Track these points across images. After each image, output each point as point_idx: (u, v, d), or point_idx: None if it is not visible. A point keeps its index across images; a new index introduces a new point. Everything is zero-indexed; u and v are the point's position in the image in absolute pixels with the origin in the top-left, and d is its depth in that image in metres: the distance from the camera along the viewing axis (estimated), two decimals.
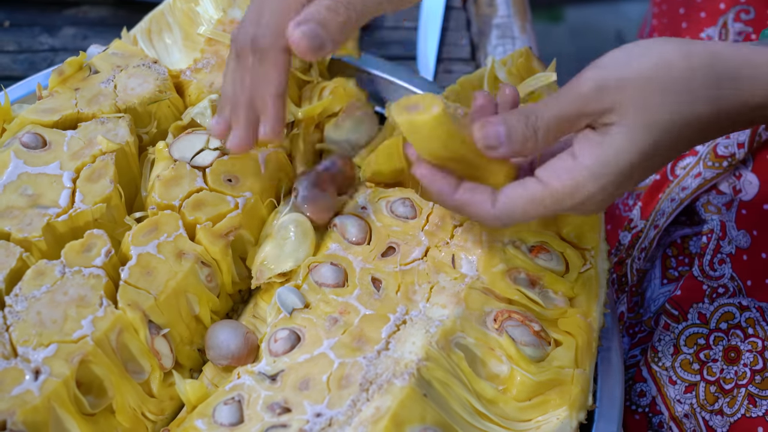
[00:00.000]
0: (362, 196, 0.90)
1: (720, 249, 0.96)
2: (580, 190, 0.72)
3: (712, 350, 0.93)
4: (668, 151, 0.73)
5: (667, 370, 0.93)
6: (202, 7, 0.99)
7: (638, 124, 0.70)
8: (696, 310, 0.95)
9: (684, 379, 0.93)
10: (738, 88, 0.72)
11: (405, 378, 0.73)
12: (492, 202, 0.74)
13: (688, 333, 0.94)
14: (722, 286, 0.95)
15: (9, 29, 1.22)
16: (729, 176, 1.01)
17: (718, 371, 0.92)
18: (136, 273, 0.80)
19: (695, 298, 0.95)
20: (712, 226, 0.99)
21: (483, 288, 0.82)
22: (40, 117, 0.90)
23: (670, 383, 0.93)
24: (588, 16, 2.84)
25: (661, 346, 0.94)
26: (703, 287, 0.95)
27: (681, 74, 0.71)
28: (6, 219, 0.81)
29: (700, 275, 0.96)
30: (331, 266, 0.83)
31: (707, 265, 0.96)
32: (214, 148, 0.89)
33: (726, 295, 0.95)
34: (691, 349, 0.93)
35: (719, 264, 0.96)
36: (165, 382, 0.80)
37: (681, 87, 0.71)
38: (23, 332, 0.75)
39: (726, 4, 1.11)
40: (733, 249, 0.96)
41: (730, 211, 0.99)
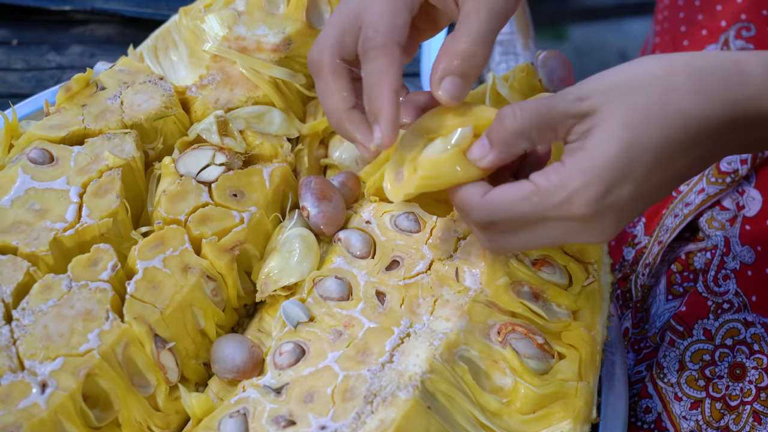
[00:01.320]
0: (366, 210, 0.91)
1: (724, 265, 0.96)
2: (566, 186, 0.71)
3: (717, 366, 0.93)
4: (658, 160, 0.71)
5: (673, 386, 0.93)
6: (208, 24, 0.99)
7: (618, 123, 0.70)
8: (701, 326, 0.95)
9: (689, 395, 0.92)
10: (722, 85, 0.72)
11: (409, 390, 0.73)
12: (483, 194, 0.74)
13: (694, 349, 0.94)
14: (727, 302, 0.95)
15: (17, 47, 1.23)
16: (732, 192, 1.02)
17: (723, 388, 0.92)
18: (142, 287, 0.81)
19: (700, 314, 0.95)
20: (716, 241, 0.99)
21: (486, 301, 0.82)
22: (48, 133, 0.90)
23: (675, 400, 0.93)
24: (591, 34, 2.85)
25: (666, 363, 0.94)
26: (708, 303, 0.95)
27: (661, 73, 0.72)
28: (13, 233, 0.82)
29: (705, 291, 0.96)
30: (335, 280, 0.84)
31: (712, 281, 0.96)
32: (220, 163, 0.90)
33: (731, 310, 0.94)
34: (696, 366, 0.93)
35: (724, 280, 0.96)
36: (171, 395, 0.81)
37: (660, 85, 0.71)
38: (30, 346, 0.75)
39: (727, 21, 1.12)
40: (737, 265, 0.96)
41: (733, 227, 0.99)
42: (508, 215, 0.73)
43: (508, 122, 0.73)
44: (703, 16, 1.15)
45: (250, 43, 0.98)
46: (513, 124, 0.73)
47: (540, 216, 0.73)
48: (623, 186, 0.71)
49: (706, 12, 1.15)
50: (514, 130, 0.73)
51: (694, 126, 0.71)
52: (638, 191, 0.72)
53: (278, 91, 0.98)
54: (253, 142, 0.94)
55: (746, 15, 1.11)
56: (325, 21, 1.02)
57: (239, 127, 0.94)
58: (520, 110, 0.73)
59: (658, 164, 0.71)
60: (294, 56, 1.00)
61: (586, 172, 0.70)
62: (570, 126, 0.72)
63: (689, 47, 1.14)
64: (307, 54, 1.00)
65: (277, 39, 0.98)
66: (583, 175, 0.70)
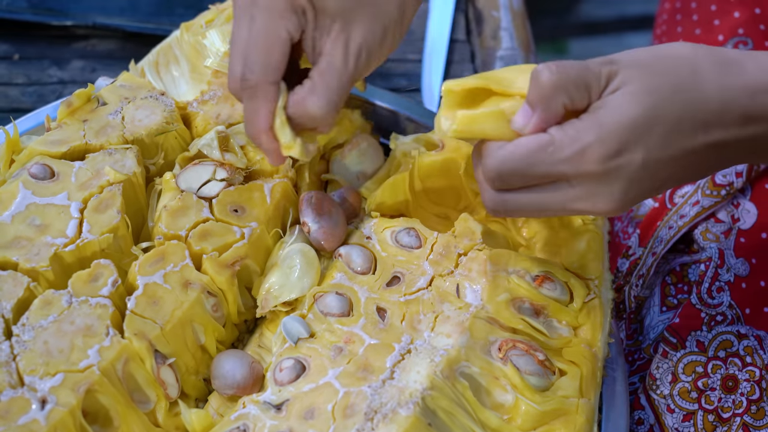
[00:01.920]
0: (367, 226, 0.91)
1: (718, 277, 0.96)
2: (580, 138, 0.71)
3: (710, 378, 0.93)
4: (671, 134, 0.72)
5: (666, 398, 0.93)
6: (209, 40, 1.00)
7: (641, 88, 0.72)
8: (694, 338, 0.95)
9: (682, 407, 0.93)
10: (743, 73, 0.73)
11: (410, 407, 0.73)
12: (501, 145, 0.74)
13: (687, 361, 0.94)
14: (720, 314, 0.95)
15: (18, 62, 1.24)
16: (727, 205, 1.02)
17: (716, 400, 0.92)
18: (143, 303, 0.81)
19: (694, 326, 0.95)
20: (711, 254, 0.99)
21: (487, 317, 0.82)
22: (49, 148, 0.90)
23: (668, 411, 0.93)
24: (592, 48, 2.85)
25: (659, 374, 0.94)
26: (702, 315, 0.95)
27: (688, 53, 0.74)
28: (14, 249, 0.82)
29: (699, 303, 0.96)
30: (336, 296, 0.84)
31: (705, 293, 0.96)
32: (221, 179, 0.90)
33: (724, 323, 0.95)
34: (689, 378, 0.93)
35: (717, 292, 0.96)
36: (171, 411, 0.81)
37: (686, 63, 0.73)
38: (30, 362, 0.75)
39: (724, 35, 1.12)
40: (731, 277, 0.96)
41: (728, 239, 0.99)
42: (520, 164, 0.73)
43: (545, 78, 0.73)
44: (700, 30, 1.15)
45: None
46: (550, 78, 0.72)
47: (550, 170, 0.73)
48: (636, 150, 0.72)
49: (703, 26, 1.15)
50: (552, 84, 0.73)
51: (713, 108, 0.73)
52: (649, 161, 0.72)
53: None
54: (254, 157, 0.94)
55: (743, 29, 1.12)
56: None
57: (240, 142, 0.94)
58: (555, 65, 0.73)
59: (673, 137, 0.72)
60: None
61: (602, 127, 0.71)
62: (601, 88, 0.73)
63: None
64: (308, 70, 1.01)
65: None
66: (598, 130, 0.71)
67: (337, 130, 1.01)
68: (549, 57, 2.77)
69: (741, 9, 1.14)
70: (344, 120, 1.02)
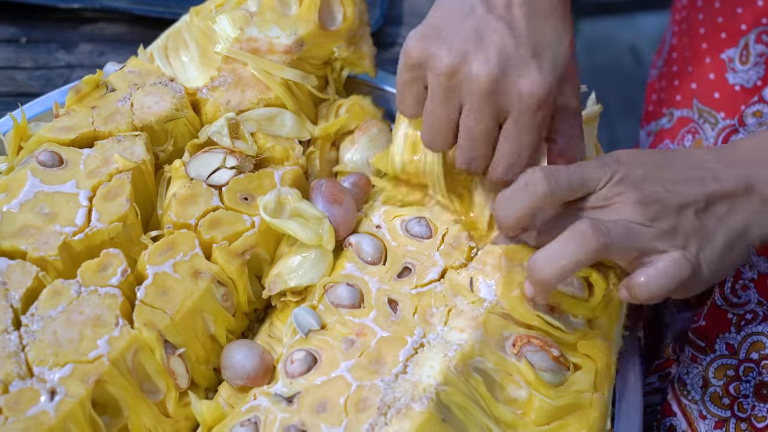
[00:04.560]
0: (377, 214, 0.90)
1: (741, 275, 0.95)
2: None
3: (742, 384, 0.91)
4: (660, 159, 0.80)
5: (697, 403, 0.92)
6: (219, 25, 0.98)
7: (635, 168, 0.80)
8: (723, 341, 0.93)
9: (714, 414, 0.91)
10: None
11: (423, 402, 0.73)
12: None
13: (717, 365, 0.92)
14: (750, 312, 0.93)
15: (26, 45, 1.22)
16: None
17: (749, 408, 0.90)
18: (152, 292, 0.80)
19: (721, 329, 0.93)
20: None
21: (502, 313, 0.81)
22: (57, 135, 0.90)
23: (700, 418, 0.91)
24: (603, 29, 2.83)
25: (689, 379, 0.92)
26: (729, 316, 0.93)
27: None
28: (22, 238, 0.81)
29: (724, 304, 0.94)
30: (347, 287, 0.83)
31: (729, 293, 0.94)
32: (231, 166, 0.89)
33: (755, 321, 0.92)
34: (720, 382, 0.91)
35: (743, 290, 0.94)
36: (180, 401, 0.80)
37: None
38: (39, 352, 0.75)
39: (747, 24, 1.10)
40: (755, 275, 0.94)
41: None
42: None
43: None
44: (723, 18, 1.13)
45: (261, 44, 0.97)
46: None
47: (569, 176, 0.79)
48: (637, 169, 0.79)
49: (726, 14, 1.13)
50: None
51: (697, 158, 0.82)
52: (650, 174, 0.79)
53: (290, 93, 0.97)
54: (265, 144, 0.93)
55: (767, 18, 1.09)
56: (337, 22, 1.01)
57: (250, 129, 0.93)
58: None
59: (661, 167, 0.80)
60: (306, 58, 0.99)
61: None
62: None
63: (707, 50, 1.12)
64: (320, 55, 1.00)
65: (290, 40, 0.97)
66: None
67: (348, 116, 1.00)
68: None
69: None
70: (355, 106, 1.01)
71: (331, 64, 1.02)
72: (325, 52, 1.01)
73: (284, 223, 0.84)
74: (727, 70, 1.10)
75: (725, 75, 1.10)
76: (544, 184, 0.77)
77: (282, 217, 0.85)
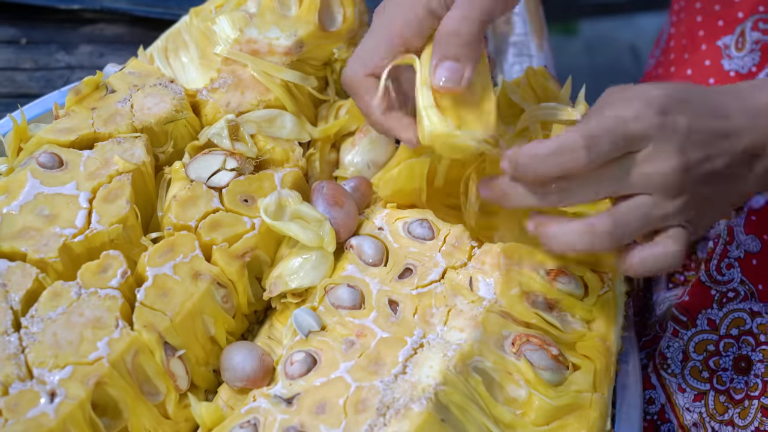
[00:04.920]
0: (379, 216, 0.90)
1: (727, 253, 0.95)
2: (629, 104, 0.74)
3: (722, 358, 0.92)
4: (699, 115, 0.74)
5: (677, 377, 0.93)
6: (219, 26, 0.98)
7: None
8: (705, 316, 0.94)
9: (693, 387, 0.92)
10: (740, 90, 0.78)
11: (422, 403, 0.73)
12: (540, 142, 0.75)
13: (698, 339, 0.93)
14: (732, 290, 0.94)
15: (26, 47, 1.23)
16: None
17: (728, 381, 0.91)
18: (152, 294, 0.80)
19: (704, 304, 0.94)
20: (719, 230, 0.98)
21: (501, 311, 0.81)
22: (57, 137, 0.90)
23: (679, 391, 0.92)
24: (603, 29, 2.83)
25: (670, 353, 0.93)
26: (712, 292, 0.94)
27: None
28: (22, 239, 0.81)
29: (708, 280, 0.95)
30: (347, 288, 0.83)
31: (714, 270, 0.95)
32: (231, 168, 0.89)
33: (736, 299, 0.94)
34: (700, 356, 0.93)
35: (727, 269, 0.95)
36: (180, 403, 0.80)
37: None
38: (39, 354, 0.75)
39: (744, 12, 1.11)
40: (741, 253, 0.95)
41: (739, 217, 0.98)
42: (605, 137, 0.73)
43: None
44: (720, 6, 1.14)
45: (261, 45, 0.97)
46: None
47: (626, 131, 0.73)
48: (678, 113, 0.74)
49: (723, 2, 1.14)
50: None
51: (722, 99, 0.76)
52: (692, 127, 0.74)
53: (290, 95, 0.97)
54: (265, 146, 0.93)
55: (764, 7, 1.10)
56: (337, 23, 1.01)
57: (250, 131, 0.93)
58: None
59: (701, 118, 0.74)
60: (306, 59, 0.99)
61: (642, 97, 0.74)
62: None
63: (704, 37, 1.13)
64: (320, 57, 1.00)
65: (289, 42, 0.97)
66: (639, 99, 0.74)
67: (348, 117, 1.00)
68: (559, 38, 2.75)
69: None
70: (355, 107, 1.01)
71: (331, 65, 1.02)
72: (325, 53, 1.01)
73: (285, 225, 0.84)
74: (723, 56, 1.11)
75: (720, 61, 1.11)
76: (583, 155, 0.73)
77: (283, 219, 0.85)
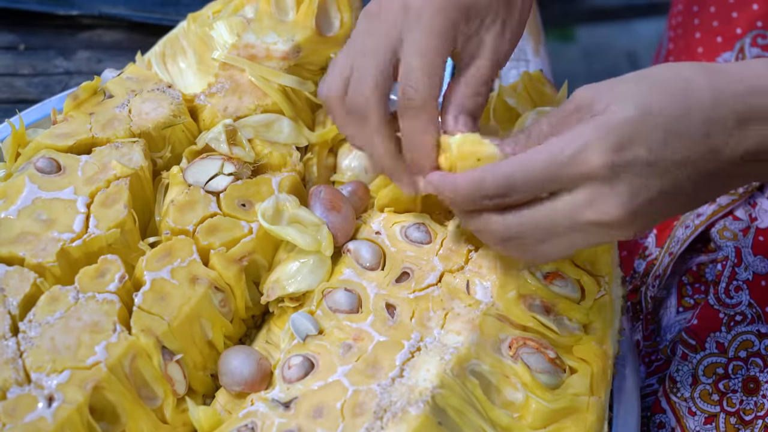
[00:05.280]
0: (376, 221, 0.90)
1: (736, 276, 0.95)
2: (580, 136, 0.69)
3: (731, 380, 0.92)
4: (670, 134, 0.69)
5: (686, 400, 0.92)
6: (217, 31, 0.99)
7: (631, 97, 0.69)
8: (713, 339, 0.94)
9: (703, 410, 0.92)
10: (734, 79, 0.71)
11: (419, 406, 0.73)
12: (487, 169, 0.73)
13: (707, 363, 0.93)
14: (740, 314, 0.94)
15: (24, 52, 1.23)
16: (745, 203, 1.01)
17: (737, 402, 0.91)
18: (150, 298, 0.80)
19: (712, 327, 0.94)
20: (727, 252, 0.98)
21: (498, 314, 0.81)
22: (55, 142, 0.90)
23: (689, 414, 0.92)
24: (600, 36, 2.84)
25: (679, 377, 0.93)
26: (720, 315, 0.94)
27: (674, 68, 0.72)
28: (20, 244, 0.81)
29: (716, 303, 0.95)
30: (345, 292, 0.83)
31: (723, 293, 0.95)
32: (228, 173, 0.89)
33: (744, 323, 0.94)
34: (710, 379, 0.92)
35: (735, 291, 0.95)
36: (178, 408, 0.80)
37: (674, 75, 0.71)
38: (37, 358, 0.75)
39: (743, 28, 1.11)
40: (750, 275, 0.95)
41: (746, 238, 0.98)
42: (521, 177, 0.70)
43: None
44: (718, 22, 1.14)
45: (259, 50, 0.97)
46: None
47: (553, 177, 0.69)
48: (638, 146, 0.68)
49: (721, 18, 1.14)
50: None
51: (707, 107, 0.69)
52: (653, 160, 0.68)
53: (287, 100, 0.97)
54: (262, 151, 0.93)
55: (762, 22, 1.10)
56: (334, 28, 1.01)
57: (248, 135, 0.93)
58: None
59: (673, 138, 0.69)
60: (303, 64, 0.99)
61: (599, 127, 0.68)
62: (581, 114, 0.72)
63: (703, 54, 1.13)
64: (317, 61, 1.00)
65: (287, 47, 0.97)
66: (597, 129, 0.68)
67: None
68: (556, 44, 2.76)
69: (760, 1, 1.13)
70: None
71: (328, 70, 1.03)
72: (323, 58, 1.01)
73: (282, 230, 0.84)
74: None
75: None
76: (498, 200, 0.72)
77: (280, 223, 0.86)
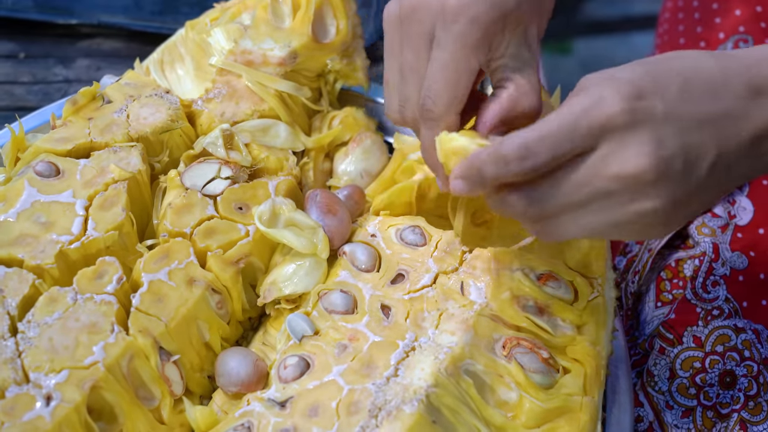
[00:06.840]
0: (372, 224, 0.91)
1: (713, 271, 0.96)
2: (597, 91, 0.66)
3: (708, 374, 0.93)
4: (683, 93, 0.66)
5: (664, 394, 0.93)
6: (214, 38, 1.00)
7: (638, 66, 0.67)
8: (691, 333, 0.95)
9: (681, 403, 0.93)
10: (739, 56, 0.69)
11: (414, 404, 0.73)
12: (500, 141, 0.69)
13: (684, 357, 0.94)
14: (717, 308, 0.95)
15: (24, 61, 1.24)
16: (724, 201, 1.02)
17: (714, 396, 0.92)
18: (148, 300, 0.81)
19: (689, 322, 0.95)
20: (704, 248, 0.99)
21: (492, 315, 0.82)
22: (54, 146, 0.91)
23: (667, 408, 0.93)
24: (597, 48, 2.85)
25: (657, 371, 0.94)
26: (697, 310, 0.95)
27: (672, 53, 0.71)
28: (19, 246, 0.82)
29: (693, 298, 0.96)
30: (341, 293, 0.84)
31: (700, 288, 0.96)
32: (226, 177, 0.90)
33: (721, 317, 0.95)
34: (687, 373, 0.93)
35: (713, 286, 0.96)
36: (175, 408, 0.81)
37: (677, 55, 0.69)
38: (35, 358, 0.75)
39: (725, 33, 1.13)
40: (727, 270, 0.96)
41: (725, 234, 0.99)
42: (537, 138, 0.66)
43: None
44: (702, 28, 1.16)
45: (256, 56, 0.98)
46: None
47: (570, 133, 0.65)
48: (654, 98, 0.65)
49: (705, 24, 1.16)
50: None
51: (715, 74, 0.67)
52: (670, 114, 0.65)
53: (284, 105, 0.98)
54: (259, 155, 0.94)
55: (744, 27, 1.12)
56: (330, 35, 1.02)
57: (245, 140, 0.94)
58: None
59: (686, 92, 0.66)
60: (300, 70, 1.00)
61: (612, 84, 0.66)
62: None
63: None
64: (313, 68, 1.01)
65: (283, 53, 0.98)
66: (610, 85, 0.66)
67: (341, 127, 1.01)
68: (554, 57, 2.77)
69: (742, 7, 1.15)
70: (348, 117, 1.02)
71: (324, 76, 1.04)
72: (319, 65, 1.02)
73: (279, 233, 0.85)
74: None
75: None
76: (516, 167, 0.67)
77: (277, 226, 0.86)
